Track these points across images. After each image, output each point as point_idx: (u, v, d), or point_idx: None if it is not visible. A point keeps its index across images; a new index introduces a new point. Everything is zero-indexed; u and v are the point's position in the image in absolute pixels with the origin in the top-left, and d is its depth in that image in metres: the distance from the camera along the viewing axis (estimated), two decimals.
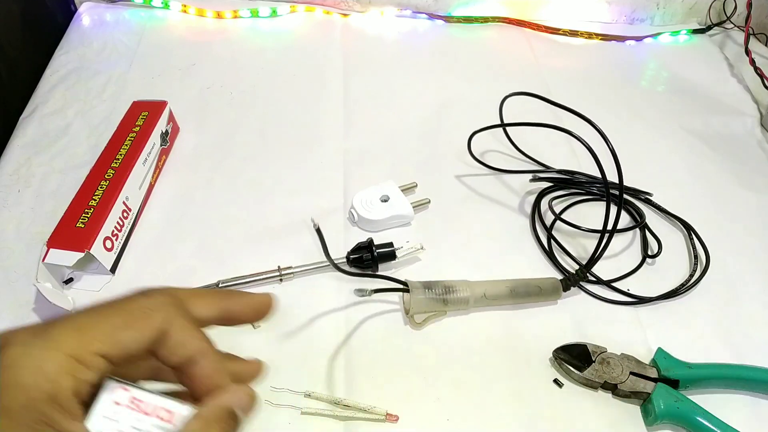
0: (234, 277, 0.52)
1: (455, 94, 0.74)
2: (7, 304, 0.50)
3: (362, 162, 0.64)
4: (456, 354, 0.49)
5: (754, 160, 0.71)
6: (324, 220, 0.58)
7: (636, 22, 0.91)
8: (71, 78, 0.71)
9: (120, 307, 0.25)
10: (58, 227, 0.50)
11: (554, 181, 0.63)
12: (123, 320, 0.25)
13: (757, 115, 0.77)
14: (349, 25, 0.84)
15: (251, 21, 0.83)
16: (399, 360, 0.48)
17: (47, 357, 0.22)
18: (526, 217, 0.61)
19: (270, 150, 0.65)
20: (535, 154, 0.66)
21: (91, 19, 0.80)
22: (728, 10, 0.88)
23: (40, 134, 0.64)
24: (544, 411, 0.46)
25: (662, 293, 0.55)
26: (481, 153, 0.66)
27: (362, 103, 0.72)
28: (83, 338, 0.23)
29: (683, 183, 0.66)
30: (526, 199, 0.63)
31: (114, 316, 0.25)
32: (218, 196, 0.60)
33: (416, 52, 0.82)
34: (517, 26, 0.87)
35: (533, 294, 0.51)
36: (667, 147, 0.71)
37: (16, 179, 0.59)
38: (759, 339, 0.52)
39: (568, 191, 0.63)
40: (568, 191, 0.63)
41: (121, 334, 0.24)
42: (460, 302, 0.50)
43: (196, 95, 0.71)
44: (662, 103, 0.77)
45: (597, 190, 0.62)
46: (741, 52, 0.84)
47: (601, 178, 0.50)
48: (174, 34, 0.80)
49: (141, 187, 0.57)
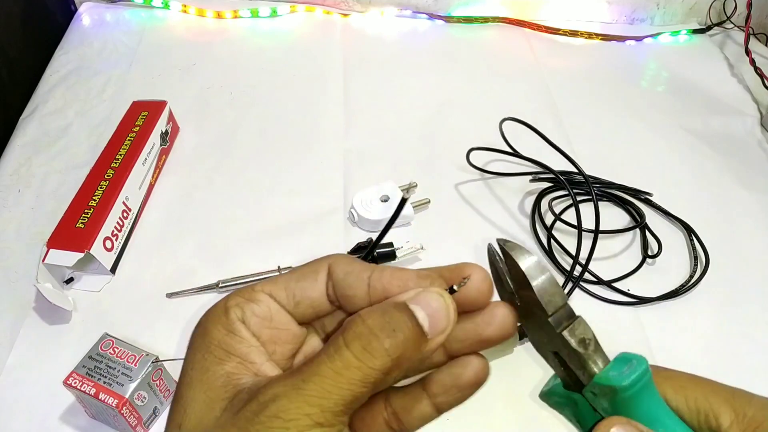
0: (234, 277, 0.52)
1: (455, 94, 0.74)
2: (8, 304, 0.50)
3: (362, 162, 0.64)
4: None
5: (754, 160, 0.71)
6: (324, 220, 0.58)
7: (636, 22, 0.91)
8: (71, 78, 0.71)
9: (294, 270, 0.26)
10: (58, 227, 0.50)
11: (554, 181, 0.63)
12: (295, 276, 0.25)
13: (757, 115, 0.76)
14: (349, 25, 0.84)
15: (251, 21, 0.83)
16: None
17: (224, 300, 0.24)
18: (526, 217, 0.61)
19: (270, 150, 0.65)
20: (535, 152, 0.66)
21: (91, 19, 0.80)
22: (728, 10, 0.88)
23: (40, 134, 0.64)
24: (544, 410, 0.46)
25: (662, 293, 0.55)
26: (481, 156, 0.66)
27: (362, 103, 0.72)
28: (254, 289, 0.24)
29: (683, 183, 0.66)
30: (526, 200, 0.63)
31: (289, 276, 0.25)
32: (218, 196, 0.60)
33: (416, 52, 0.82)
34: (518, 26, 0.87)
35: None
36: (667, 147, 0.71)
37: (16, 179, 0.59)
38: (758, 339, 0.52)
39: (568, 191, 0.63)
40: (568, 191, 0.63)
41: (289, 283, 0.25)
42: None
43: (196, 95, 0.71)
44: (662, 103, 0.77)
45: (597, 190, 0.62)
46: (741, 52, 0.84)
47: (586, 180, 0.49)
48: (174, 34, 0.80)
49: (141, 187, 0.57)
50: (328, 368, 0.20)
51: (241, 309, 0.24)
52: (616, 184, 0.64)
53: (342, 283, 0.24)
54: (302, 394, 0.20)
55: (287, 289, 0.24)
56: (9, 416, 0.43)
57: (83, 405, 0.42)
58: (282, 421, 0.19)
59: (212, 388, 0.22)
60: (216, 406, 0.21)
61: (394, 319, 0.21)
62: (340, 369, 0.20)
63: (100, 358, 0.41)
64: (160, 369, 0.42)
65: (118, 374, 0.40)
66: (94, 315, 0.50)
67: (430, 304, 0.21)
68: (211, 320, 0.24)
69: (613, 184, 0.64)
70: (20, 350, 0.47)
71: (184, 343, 0.51)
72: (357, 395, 0.20)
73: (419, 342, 0.21)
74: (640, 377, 0.22)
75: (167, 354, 0.43)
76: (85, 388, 0.40)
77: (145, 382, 0.41)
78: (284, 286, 0.25)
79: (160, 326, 0.49)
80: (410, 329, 0.21)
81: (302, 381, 0.20)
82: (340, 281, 0.24)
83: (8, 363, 0.46)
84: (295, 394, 0.20)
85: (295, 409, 0.20)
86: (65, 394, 0.42)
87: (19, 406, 0.44)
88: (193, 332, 0.24)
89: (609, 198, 0.63)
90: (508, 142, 0.60)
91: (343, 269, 0.24)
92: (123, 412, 0.40)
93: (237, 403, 0.21)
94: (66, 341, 0.48)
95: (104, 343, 0.42)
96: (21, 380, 0.45)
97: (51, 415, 0.44)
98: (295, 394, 0.20)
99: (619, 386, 0.22)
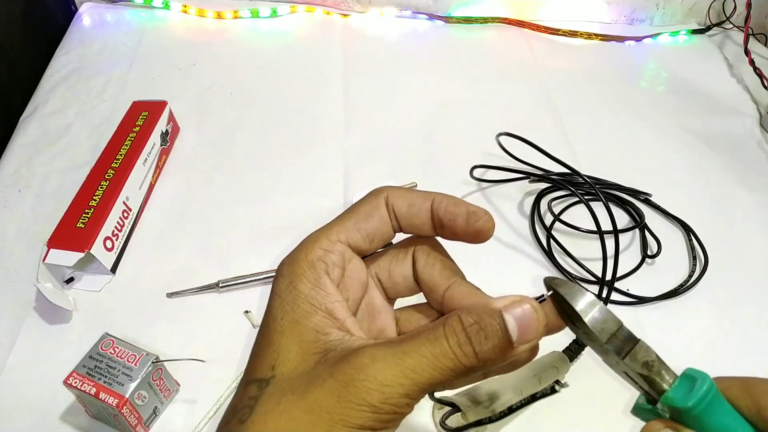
0: (234, 277, 0.52)
1: (455, 95, 0.74)
2: (8, 304, 0.50)
3: (362, 162, 0.64)
4: None
5: (754, 160, 0.71)
6: (324, 220, 0.58)
7: (635, 23, 0.91)
8: (72, 78, 0.71)
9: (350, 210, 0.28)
10: (59, 227, 0.50)
11: (553, 182, 0.63)
12: (362, 215, 0.27)
13: (757, 115, 0.77)
14: (349, 26, 0.84)
15: (251, 21, 0.83)
16: None
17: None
18: (525, 218, 0.61)
19: (270, 150, 0.65)
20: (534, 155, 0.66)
21: (91, 20, 0.80)
22: (728, 11, 0.88)
23: (40, 134, 0.64)
24: (543, 410, 0.46)
25: (661, 293, 0.55)
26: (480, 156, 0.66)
27: (362, 104, 0.72)
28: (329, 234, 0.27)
29: (682, 183, 0.66)
30: (525, 200, 0.63)
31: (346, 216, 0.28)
32: (218, 196, 0.60)
33: (416, 53, 0.82)
34: (517, 27, 0.87)
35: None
36: (667, 147, 0.71)
37: (16, 179, 0.60)
38: (758, 339, 0.52)
39: (567, 192, 0.63)
40: (567, 192, 0.63)
41: (360, 224, 0.27)
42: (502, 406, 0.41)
43: (197, 95, 0.71)
44: (662, 103, 0.77)
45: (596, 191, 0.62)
46: (740, 53, 0.84)
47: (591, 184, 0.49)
48: (174, 35, 0.80)
49: (141, 187, 0.57)
50: (428, 350, 0.22)
51: (325, 262, 0.26)
52: (615, 184, 0.64)
53: (407, 215, 0.27)
54: (401, 365, 0.22)
55: (360, 230, 0.27)
56: (9, 416, 0.44)
57: (83, 404, 0.43)
58: (378, 383, 0.21)
59: (305, 341, 0.24)
60: (310, 359, 0.23)
61: (487, 327, 0.23)
62: (438, 355, 0.22)
63: (101, 357, 0.41)
64: (160, 368, 0.42)
65: (119, 374, 0.40)
66: (95, 315, 0.50)
67: (523, 316, 0.23)
68: (297, 273, 0.25)
69: (613, 184, 0.64)
70: (20, 350, 0.47)
71: (184, 342, 0.51)
72: (443, 380, 0.22)
73: (506, 349, 0.23)
74: (704, 396, 0.23)
75: (167, 354, 0.43)
76: (86, 388, 0.40)
77: (146, 381, 0.41)
78: (356, 228, 0.27)
79: (161, 326, 0.49)
80: (500, 339, 0.23)
81: (403, 353, 0.22)
82: (404, 214, 0.27)
83: (8, 363, 0.46)
84: (395, 363, 0.22)
85: (392, 377, 0.22)
86: (65, 394, 0.42)
87: (19, 406, 0.44)
88: (278, 281, 0.26)
89: (609, 198, 0.63)
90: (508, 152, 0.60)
91: (404, 202, 0.27)
92: (123, 412, 0.40)
93: (331, 359, 0.23)
94: (66, 341, 0.48)
95: (104, 342, 0.42)
96: (21, 380, 0.45)
97: (51, 414, 0.44)
98: (395, 364, 0.22)
99: (684, 407, 0.23)
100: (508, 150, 0.60)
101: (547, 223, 0.60)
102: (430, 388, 0.22)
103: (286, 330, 0.24)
